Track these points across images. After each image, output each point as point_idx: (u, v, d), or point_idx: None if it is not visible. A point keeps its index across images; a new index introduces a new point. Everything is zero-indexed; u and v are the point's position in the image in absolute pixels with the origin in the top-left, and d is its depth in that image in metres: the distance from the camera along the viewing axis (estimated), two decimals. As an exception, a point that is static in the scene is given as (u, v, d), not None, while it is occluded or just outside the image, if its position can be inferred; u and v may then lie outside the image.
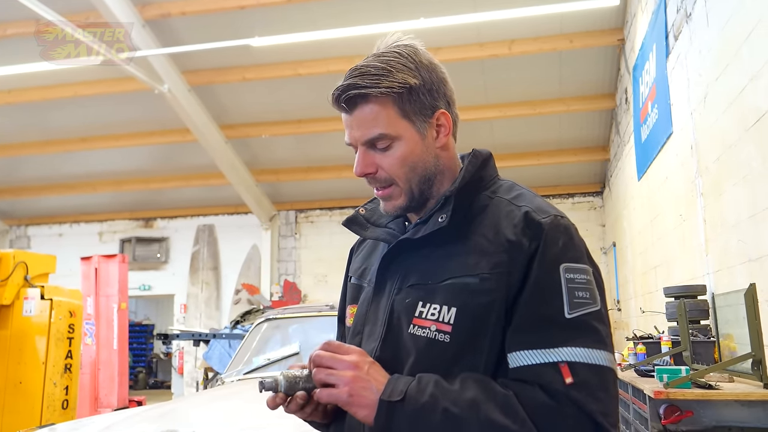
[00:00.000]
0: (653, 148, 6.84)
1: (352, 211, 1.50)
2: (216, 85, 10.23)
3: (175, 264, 14.17)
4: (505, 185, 1.32)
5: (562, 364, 1.09)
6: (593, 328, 1.13)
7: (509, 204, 1.24)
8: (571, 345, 1.10)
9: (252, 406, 3.12)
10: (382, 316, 1.27)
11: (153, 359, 18.88)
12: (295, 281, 13.37)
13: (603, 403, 1.09)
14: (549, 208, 1.23)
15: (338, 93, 1.24)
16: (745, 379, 3.45)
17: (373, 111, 1.24)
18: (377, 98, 1.23)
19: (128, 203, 14.11)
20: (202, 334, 8.19)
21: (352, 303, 1.42)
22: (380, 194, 1.30)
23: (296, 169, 12.49)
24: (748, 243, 4.18)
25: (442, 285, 1.20)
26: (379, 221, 1.41)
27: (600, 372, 1.10)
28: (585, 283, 1.15)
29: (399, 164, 1.26)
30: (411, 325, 1.21)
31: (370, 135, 1.24)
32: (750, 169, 4.05)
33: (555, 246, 1.16)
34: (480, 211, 1.26)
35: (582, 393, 1.07)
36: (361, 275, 1.43)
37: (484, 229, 1.22)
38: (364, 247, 1.51)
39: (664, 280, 6.56)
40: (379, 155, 1.26)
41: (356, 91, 1.22)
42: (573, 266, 1.16)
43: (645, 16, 7.06)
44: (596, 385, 1.09)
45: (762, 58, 3.75)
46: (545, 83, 9.79)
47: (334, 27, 8.53)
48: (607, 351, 1.13)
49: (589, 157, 11.49)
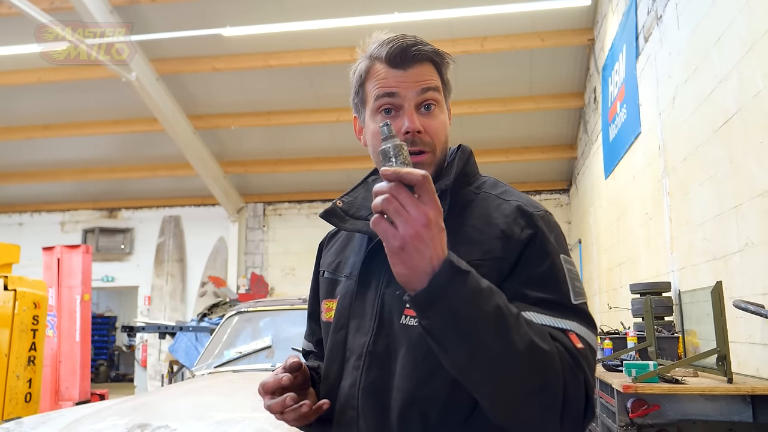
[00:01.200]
0: (621, 148, 6.96)
1: (321, 204, 1.48)
2: (185, 75, 10.09)
3: (139, 255, 13.95)
4: (489, 181, 1.34)
5: (570, 333, 1.11)
6: (589, 315, 1.17)
7: (497, 198, 1.27)
8: (576, 322, 1.13)
9: (225, 399, 3.10)
10: (371, 310, 1.26)
11: (115, 352, 18.60)
12: (263, 274, 13.28)
13: (593, 377, 1.13)
14: (537, 203, 1.27)
15: (404, 46, 1.25)
16: (709, 374, 3.54)
17: (430, 70, 1.28)
18: (434, 62, 1.28)
19: (92, 193, 13.84)
20: (168, 326, 8.08)
21: (327, 297, 1.40)
22: (417, 159, 1.25)
23: (265, 161, 12.39)
24: (713, 242, 4.28)
25: None
26: (358, 213, 1.38)
27: (594, 353, 1.14)
28: (577, 275, 1.20)
29: (442, 130, 1.29)
30: (403, 316, 1.20)
31: (429, 84, 1.26)
32: (717, 169, 4.15)
33: (551, 237, 1.20)
34: (466, 206, 1.27)
35: (585, 362, 1.09)
36: (336, 269, 1.41)
37: (474, 221, 1.24)
38: (335, 241, 1.49)
39: (629, 277, 6.68)
40: (424, 118, 1.26)
41: (424, 47, 1.26)
42: (568, 258, 1.20)
43: (615, 17, 7.16)
44: (592, 362, 1.13)
45: (731, 61, 3.84)
46: (516, 81, 9.87)
47: (307, 19, 8.48)
48: (596, 336, 1.20)
49: (556, 154, 11.63)
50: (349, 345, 1.28)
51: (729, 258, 3.98)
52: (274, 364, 3.75)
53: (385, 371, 1.21)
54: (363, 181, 1.48)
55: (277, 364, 3.73)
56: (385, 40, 1.28)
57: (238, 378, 3.60)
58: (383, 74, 1.27)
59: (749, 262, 3.68)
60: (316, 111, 10.61)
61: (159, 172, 12.69)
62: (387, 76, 1.27)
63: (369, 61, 1.31)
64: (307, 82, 10.10)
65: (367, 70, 1.31)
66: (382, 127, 1.07)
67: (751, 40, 3.55)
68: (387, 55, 1.26)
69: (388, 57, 1.26)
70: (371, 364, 1.22)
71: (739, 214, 3.80)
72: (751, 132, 3.58)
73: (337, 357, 1.30)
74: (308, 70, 9.79)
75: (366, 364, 1.23)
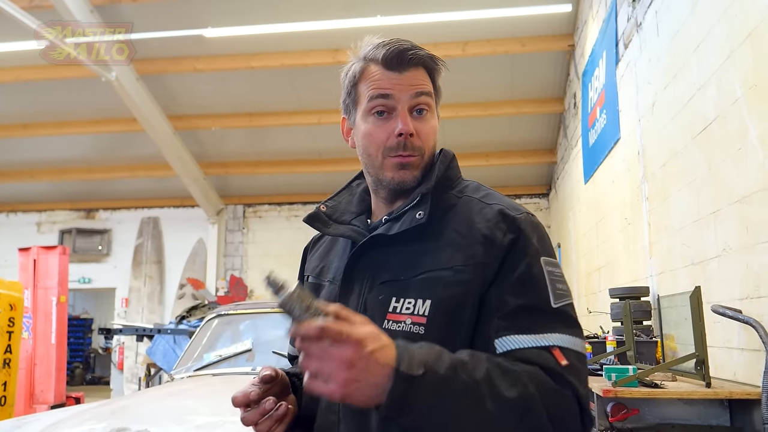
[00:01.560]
0: (600, 153, 7.02)
1: (302, 207, 1.50)
2: (166, 75, 10.00)
3: (117, 257, 13.80)
4: (471, 185, 1.35)
5: (554, 348, 1.11)
6: (573, 317, 1.17)
7: (479, 202, 1.27)
8: (558, 332, 1.13)
9: (205, 403, 3.07)
10: None
11: (91, 354, 18.37)
12: (242, 276, 13.20)
13: (586, 387, 1.13)
14: (519, 206, 1.27)
15: (400, 49, 1.27)
16: (687, 379, 3.57)
17: (424, 75, 1.30)
18: (429, 68, 1.31)
19: (69, 193, 13.66)
20: (146, 329, 8.00)
21: None
22: (407, 160, 1.28)
23: (246, 162, 12.32)
24: (691, 247, 4.33)
25: (416, 279, 1.20)
26: (341, 218, 1.40)
27: (582, 359, 1.15)
28: (561, 276, 1.20)
29: (432, 134, 1.31)
30: (385, 321, 1.20)
31: (423, 88, 1.28)
32: (695, 175, 4.20)
33: (533, 240, 1.20)
34: (448, 209, 1.28)
35: (574, 377, 1.10)
36: (319, 274, 1.41)
37: (456, 225, 1.24)
38: (319, 246, 1.49)
39: (608, 281, 6.74)
40: (416, 122, 1.28)
41: (423, 52, 1.29)
42: (550, 260, 1.20)
43: (596, 23, 7.23)
44: (582, 370, 1.13)
45: (710, 68, 3.89)
46: (497, 85, 9.93)
47: (289, 21, 8.46)
48: (583, 339, 1.18)
49: (536, 159, 11.71)
50: None
51: (707, 263, 4.03)
52: (254, 368, 3.73)
53: None
54: (347, 186, 1.49)
55: (257, 368, 3.70)
56: (381, 43, 1.29)
57: (218, 382, 3.57)
58: (378, 76, 1.28)
59: (727, 267, 3.72)
60: (297, 113, 10.59)
61: (138, 172, 12.56)
62: (382, 77, 1.28)
63: (363, 63, 1.32)
64: (288, 84, 10.08)
65: (362, 71, 1.32)
66: (265, 280, 1.03)
67: (729, 48, 3.60)
68: (383, 57, 1.28)
69: (384, 59, 1.28)
70: None
71: (717, 219, 3.85)
72: (729, 139, 3.64)
73: None
74: (290, 72, 9.76)
75: None
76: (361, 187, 1.46)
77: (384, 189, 1.33)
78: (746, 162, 3.42)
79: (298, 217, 13.22)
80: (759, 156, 3.27)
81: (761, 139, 3.24)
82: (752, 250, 3.38)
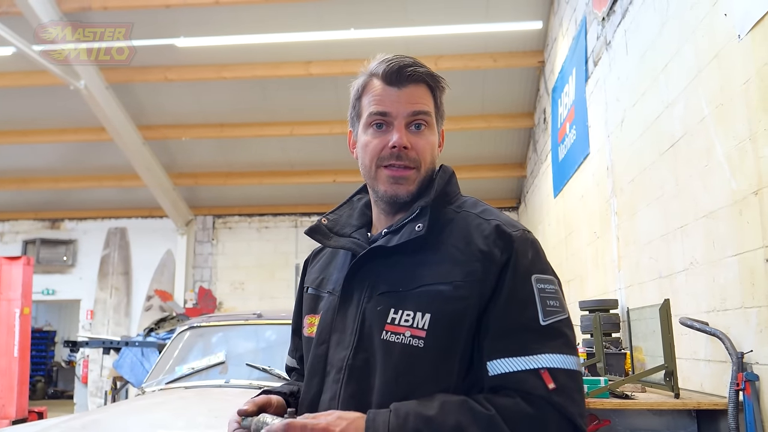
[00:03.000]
0: (570, 168, 7.14)
1: (272, 218, 1.53)
2: (136, 84, 9.90)
3: (82, 268, 13.52)
4: (469, 201, 1.38)
5: (543, 371, 1.14)
6: (564, 334, 1.20)
7: (477, 218, 1.30)
8: (548, 352, 1.15)
9: (178, 416, 3.04)
10: (351, 325, 1.27)
11: (54, 367, 17.94)
12: (211, 288, 13.06)
13: (579, 405, 1.15)
14: (515, 222, 1.30)
15: (401, 65, 1.30)
16: (656, 390, 3.64)
17: (423, 93, 1.33)
18: (429, 86, 1.34)
19: (33, 202, 13.38)
20: (113, 341, 7.86)
21: (310, 313, 1.42)
22: (402, 173, 1.31)
23: (216, 173, 12.22)
24: (659, 260, 4.43)
25: (414, 292, 1.22)
26: (342, 231, 1.42)
27: (574, 376, 1.17)
28: (554, 293, 1.22)
29: (429, 149, 1.33)
30: (384, 332, 1.22)
31: (420, 108, 1.31)
32: (663, 191, 4.30)
33: (525, 258, 1.22)
34: (447, 224, 1.30)
35: (563, 397, 1.12)
36: (319, 285, 1.43)
37: (455, 239, 1.27)
38: (320, 258, 1.51)
39: (578, 294, 6.83)
40: (413, 136, 1.31)
41: (421, 69, 1.32)
42: (542, 277, 1.22)
43: (566, 41, 7.38)
44: (573, 388, 1.15)
45: (677, 87, 4.00)
46: (468, 100, 10.03)
47: (261, 32, 8.46)
48: (577, 355, 1.20)
49: (506, 173, 11.84)
50: (329, 359, 1.30)
51: (674, 276, 4.12)
52: (227, 380, 3.70)
53: (365, 385, 1.22)
54: (348, 200, 1.51)
55: (231, 380, 3.67)
56: (384, 59, 1.33)
57: (191, 394, 3.53)
58: (378, 90, 1.32)
59: (694, 280, 3.82)
60: (268, 124, 10.56)
61: (105, 182, 12.37)
62: (382, 92, 1.32)
63: (367, 77, 1.36)
64: (260, 96, 10.05)
65: (364, 85, 1.36)
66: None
67: (696, 68, 3.70)
68: (384, 72, 1.31)
69: (384, 74, 1.31)
70: (350, 377, 1.24)
71: (685, 234, 3.94)
72: (696, 156, 3.74)
73: (318, 371, 1.31)
74: (262, 83, 9.75)
75: (345, 378, 1.24)
76: (362, 202, 1.48)
77: (382, 201, 1.36)
78: (712, 178, 3.52)
79: (269, 228, 13.15)
80: (725, 173, 3.36)
81: (727, 156, 3.34)
82: (718, 263, 3.47)
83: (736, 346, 3.21)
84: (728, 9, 3.29)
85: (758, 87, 3.00)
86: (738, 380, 3.07)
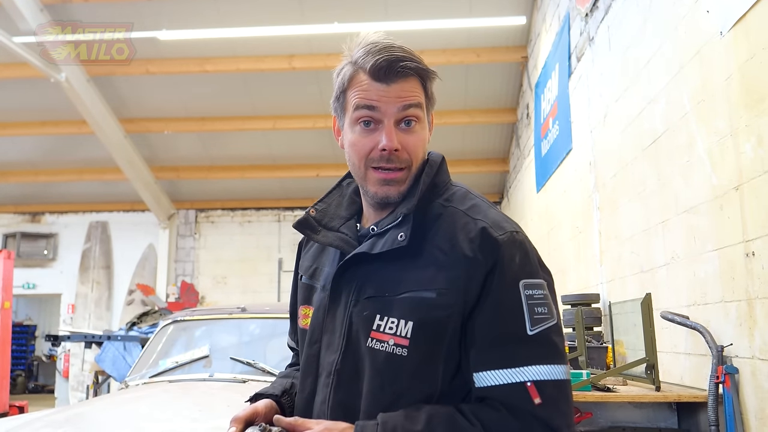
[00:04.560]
0: (553, 163, 7.18)
1: (255, 212, 1.51)
2: (117, 77, 9.80)
3: (63, 262, 13.41)
4: (458, 193, 1.33)
5: (529, 384, 1.12)
6: (552, 342, 1.17)
7: (464, 216, 1.25)
8: (535, 363, 1.14)
9: (163, 410, 3.03)
10: (339, 328, 1.27)
11: (34, 362, 17.78)
12: (193, 282, 13.00)
13: (566, 415, 1.15)
14: (504, 222, 1.25)
15: (390, 60, 1.22)
16: (637, 383, 3.69)
17: (414, 85, 1.26)
18: (420, 77, 1.26)
19: (14, 196, 13.22)
20: (95, 335, 7.81)
21: (304, 303, 1.41)
22: (393, 176, 1.26)
23: (198, 167, 12.16)
24: (640, 255, 4.47)
25: (399, 298, 1.21)
26: (330, 224, 1.38)
27: (562, 386, 1.15)
28: (542, 298, 1.19)
29: (421, 146, 1.28)
30: (369, 338, 1.21)
31: (410, 101, 1.24)
32: (644, 186, 4.35)
33: (512, 263, 1.19)
34: (434, 220, 1.27)
35: (549, 410, 1.12)
36: (312, 275, 1.41)
37: (440, 241, 1.23)
38: (313, 243, 1.47)
39: (560, 289, 6.82)
40: (403, 135, 1.25)
41: (413, 63, 1.24)
42: (530, 282, 1.19)
43: (549, 36, 7.41)
44: (560, 398, 1.14)
45: (659, 84, 4.04)
46: (451, 94, 10.04)
47: (245, 25, 8.42)
48: (565, 363, 1.18)
49: (489, 168, 11.89)
50: (321, 361, 1.30)
51: (656, 271, 4.17)
52: (211, 374, 3.69)
53: (353, 390, 1.23)
54: (337, 186, 1.47)
55: (215, 374, 3.67)
56: (372, 49, 1.25)
57: (175, 388, 3.52)
58: (366, 86, 1.25)
59: (674, 275, 3.86)
60: (251, 118, 10.52)
61: (86, 175, 12.26)
62: (369, 88, 1.24)
63: (353, 69, 1.28)
64: (243, 89, 10.01)
65: (350, 78, 1.28)
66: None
67: (678, 64, 3.74)
68: (371, 68, 1.23)
69: (372, 70, 1.24)
70: (339, 383, 1.25)
71: (666, 229, 3.99)
72: (678, 152, 3.78)
73: (311, 371, 1.32)
74: (245, 77, 9.69)
75: (334, 383, 1.25)
76: (351, 188, 1.44)
77: (372, 200, 1.33)
78: (694, 174, 3.56)
79: (251, 222, 13.10)
80: (706, 168, 3.41)
81: (708, 152, 3.38)
82: (699, 258, 3.52)
83: (716, 340, 3.26)
84: (710, 6, 3.33)
85: (740, 83, 3.04)
86: (718, 373, 3.11)
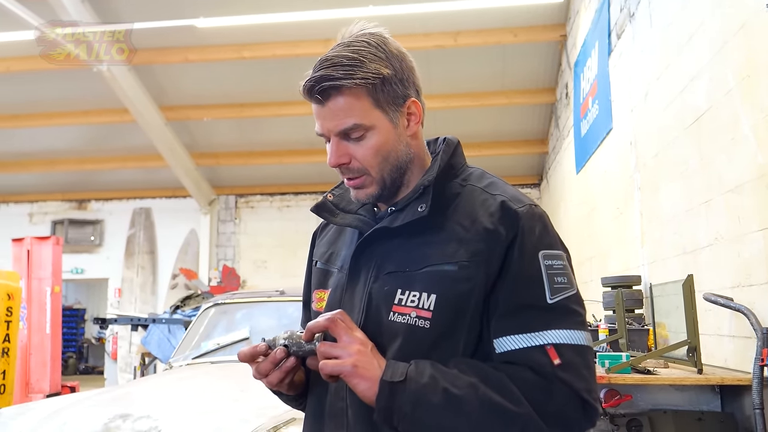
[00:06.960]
0: (593, 143, 7.07)
1: (293, 197, 1.52)
2: (157, 65, 9.96)
3: (109, 247, 13.78)
4: (475, 173, 1.36)
5: (549, 347, 1.15)
6: (572, 310, 1.19)
7: (483, 192, 1.28)
8: (554, 328, 1.16)
9: (205, 390, 3.11)
10: (359, 304, 1.28)
11: (84, 344, 18.37)
12: (234, 266, 13.22)
13: (587, 380, 1.16)
14: (522, 197, 1.28)
15: (311, 84, 1.23)
16: (679, 365, 3.63)
17: (347, 102, 1.23)
18: (351, 89, 1.22)
19: (61, 184, 13.62)
20: (140, 318, 8.02)
21: (319, 288, 1.42)
22: (352, 184, 1.29)
23: (237, 153, 12.31)
24: (683, 236, 4.39)
25: (421, 272, 1.22)
26: (348, 207, 1.40)
27: (582, 351, 1.17)
28: (562, 269, 1.21)
29: (372, 154, 1.26)
30: (391, 312, 1.23)
31: (344, 126, 1.24)
32: (687, 166, 4.25)
33: (532, 234, 1.21)
34: (452, 199, 1.29)
35: (569, 373, 1.14)
36: (328, 260, 1.43)
37: (460, 217, 1.25)
38: (328, 231, 1.50)
39: (600, 271, 6.80)
40: (353, 145, 1.26)
41: (330, 82, 1.21)
42: (550, 253, 1.22)
43: (588, 13, 7.26)
44: (580, 364, 1.16)
45: (702, 59, 3.93)
46: (489, 76, 9.95)
47: (280, 11, 8.44)
48: (585, 331, 1.20)
49: (528, 149, 11.76)
50: None
51: (698, 252, 4.08)
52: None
53: None
54: None
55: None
56: (315, 65, 1.25)
57: (217, 369, 3.61)
58: (312, 107, 1.28)
59: (718, 256, 3.78)
60: (288, 103, 10.56)
61: (129, 163, 12.54)
62: (314, 109, 1.28)
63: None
64: (280, 75, 10.05)
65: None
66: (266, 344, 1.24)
67: (722, 40, 3.64)
68: (303, 89, 1.26)
69: (304, 92, 1.26)
70: None
71: (709, 209, 3.90)
72: (721, 130, 3.68)
73: None
74: (281, 63, 9.73)
75: None
76: None
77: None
78: (738, 152, 3.47)
79: (290, 207, 13.23)
80: (751, 146, 3.32)
81: (753, 129, 3.29)
82: (743, 239, 3.44)
83: (761, 322, 3.18)
84: (755, -21, 3.22)
85: (785, 58, 2.95)
86: (763, 355, 3.04)
